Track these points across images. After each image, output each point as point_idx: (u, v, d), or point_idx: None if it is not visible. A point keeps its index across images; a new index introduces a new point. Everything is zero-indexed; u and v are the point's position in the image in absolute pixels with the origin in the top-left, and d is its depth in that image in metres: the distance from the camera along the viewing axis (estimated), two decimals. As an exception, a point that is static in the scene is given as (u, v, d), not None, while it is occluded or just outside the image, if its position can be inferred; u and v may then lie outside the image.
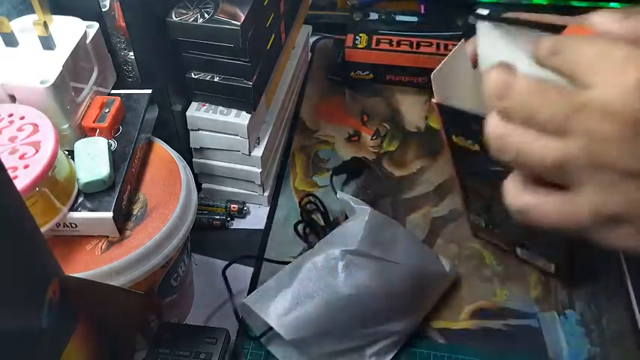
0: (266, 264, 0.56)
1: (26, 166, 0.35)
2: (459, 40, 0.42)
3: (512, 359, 0.49)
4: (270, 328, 0.45)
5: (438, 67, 0.40)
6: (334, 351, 0.46)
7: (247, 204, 0.60)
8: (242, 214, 0.60)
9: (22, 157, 0.36)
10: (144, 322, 0.47)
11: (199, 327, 0.47)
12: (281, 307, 0.44)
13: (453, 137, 0.43)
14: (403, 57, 0.70)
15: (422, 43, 0.70)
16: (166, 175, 0.45)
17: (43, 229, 0.37)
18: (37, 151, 0.36)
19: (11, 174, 0.33)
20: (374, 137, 0.68)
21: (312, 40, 0.79)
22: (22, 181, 0.34)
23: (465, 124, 0.40)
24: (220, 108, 0.54)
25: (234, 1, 0.48)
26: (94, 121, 0.43)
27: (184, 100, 0.53)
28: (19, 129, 0.37)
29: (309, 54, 0.78)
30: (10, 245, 0.28)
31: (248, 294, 0.53)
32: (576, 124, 0.26)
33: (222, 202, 0.60)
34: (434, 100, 0.41)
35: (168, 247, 0.41)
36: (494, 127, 0.29)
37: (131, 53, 0.47)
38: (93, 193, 0.40)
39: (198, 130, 0.54)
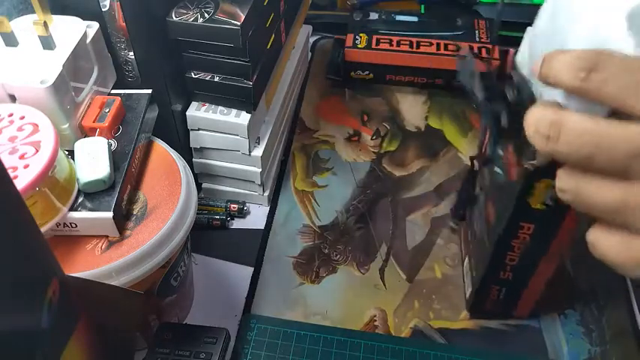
0: (266, 264, 0.56)
1: (26, 166, 0.35)
2: (459, 40, 0.42)
3: (512, 359, 0.49)
4: None
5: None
6: None
7: (247, 204, 0.60)
8: (242, 213, 0.60)
9: (22, 157, 0.36)
10: (144, 322, 0.47)
11: (199, 327, 0.47)
12: None
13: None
14: (403, 57, 0.70)
15: (422, 43, 0.70)
16: (166, 175, 0.45)
17: (43, 229, 0.37)
18: (37, 151, 0.36)
19: (11, 174, 0.33)
20: (374, 137, 0.68)
21: (312, 40, 0.79)
22: (22, 180, 0.34)
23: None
24: (220, 108, 0.54)
25: (234, 1, 0.48)
26: (94, 121, 0.43)
27: (184, 100, 0.53)
28: (19, 129, 0.37)
29: (309, 54, 0.78)
30: (10, 245, 0.28)
31: (248, 294, 0.53)
32: (637, 167, 0.24)
33: (222, 201, 0.60)
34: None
35: (168, 247, 0.41)
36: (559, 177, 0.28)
37: (131, 53, 0.47)
38: (93, 193, 0.40)
39: (198, 129, 0.54)
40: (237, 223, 0.60)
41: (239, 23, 0.46)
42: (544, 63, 0.28)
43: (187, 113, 0.53)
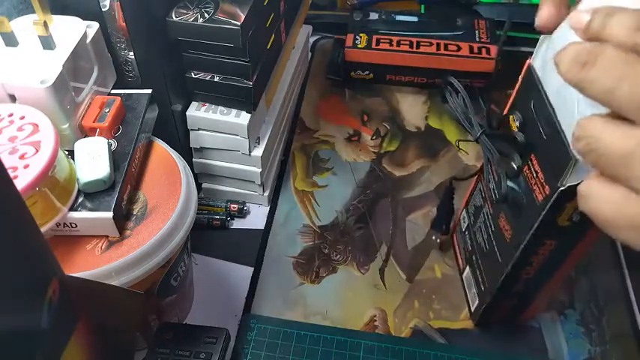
0: (266, 264, 0.56)
1: (26, 166, 0.35)
2: (459, 40, 0.42)
3: (512, 359, 0.49)
4: None
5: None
6: None
7: (247, 204, 0.60)
8: (242, 213, 0.60)
9: (22, 157, 0.35)
10: (144, 321, 0.47)
11: (199, 327, 0.47)
12: None
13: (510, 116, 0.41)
14: (403, 57, 0.70)
15: (422, 43, 0.70)
16: (166, 175, 0.45)
17: (43, 229, 0.37)
18: (37, 151, 0.36)
19: (11, 174, 0.33)
20: (374, 137, 0.68)
21: (312, 40, 0.79)
22: (22, 180, 0.34)
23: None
24: (220, 108, 0.54)
25: (234, 1, 0.48)
26: (94, 121, 0.43)
27: (184, 100, 0.53)
28: (19, 129, 0.37)
29: (309, 54, 0.78)
30: (10, 245, 0.28)
31: (248, 294, 0.53)
32: None
33: (222, 201, 0.60)
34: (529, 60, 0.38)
35: (168, 246, 0.41)
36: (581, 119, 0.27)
37: (131, 53, 0.47)
38: (93, 193, 0.40)
39: (198, 129, 0.54)
40: (237, 223, 0.60)
41: (239, 23, 0.46)
42: (598, 17, 0.27)
43: (187, 113, 0.53)
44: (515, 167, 0.39)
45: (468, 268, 0.52)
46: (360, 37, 0.71)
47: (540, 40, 0.37)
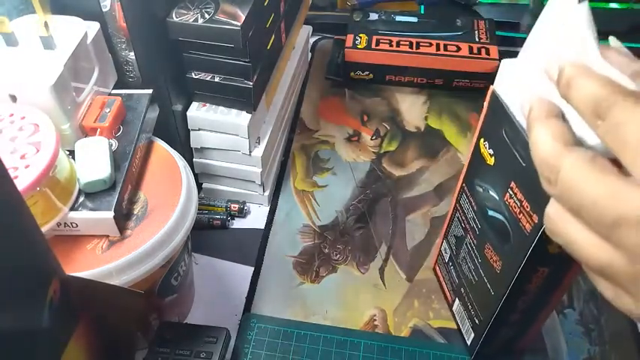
0: (266, 264, 0.56)
1: (27, 166, 0.35)
2: (459, 41, 0.41)
3: (511, 359, 0.49)
4: None
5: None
6: None
7: (248, 203, 0.61)
8: (242, 213, 0.60)
9: (23, 157, 0.36)
10: (144, 321, 0.47)
11: (200, 326, 0.47)
12: None
13: (482, 140, 0.39)
14: (403, 57, 0.70)
15: (422, 43, 0.70)
16: (167, 175, 0.45)
17: (43, 229, 0.37)
18: (38, 151, 0.36)
19: (12, 174, 0.33)
20: (374, 137, 0.68)
21: (312, 40, 0.79)
22: (23, 180, 0.34)
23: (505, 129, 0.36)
24: (221, 108, 0.54)
25: (234, 1, 0.48)
26: (94, 121, 0.43)
27: (185, 100, 0.54)
28: (20, 129, 0.37)
29: (309, 54, 0.79)
30: (10, 245, 0.28)
31: (248, 294, 0.54)
32: (619, 237, 0.23)
33: (223, 201, 0.60)
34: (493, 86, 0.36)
35: (169, 246, 0.41)
36: (549, 205, 0.26)
37: (132, 53, 0.47)
38: (94, 193, 0.40)
39: (199, 130, 0.55)
40: (237, 223, 0.60)
41: (239, 24, 0.46)
42: (564, 78, 0.26)
43: (188, 113, 0.53)
44: (497, 197, 0.38)
45: (457, 300, 0.50)
46: (360, 37, 0.72)
47: (502, 66, 0.35)
